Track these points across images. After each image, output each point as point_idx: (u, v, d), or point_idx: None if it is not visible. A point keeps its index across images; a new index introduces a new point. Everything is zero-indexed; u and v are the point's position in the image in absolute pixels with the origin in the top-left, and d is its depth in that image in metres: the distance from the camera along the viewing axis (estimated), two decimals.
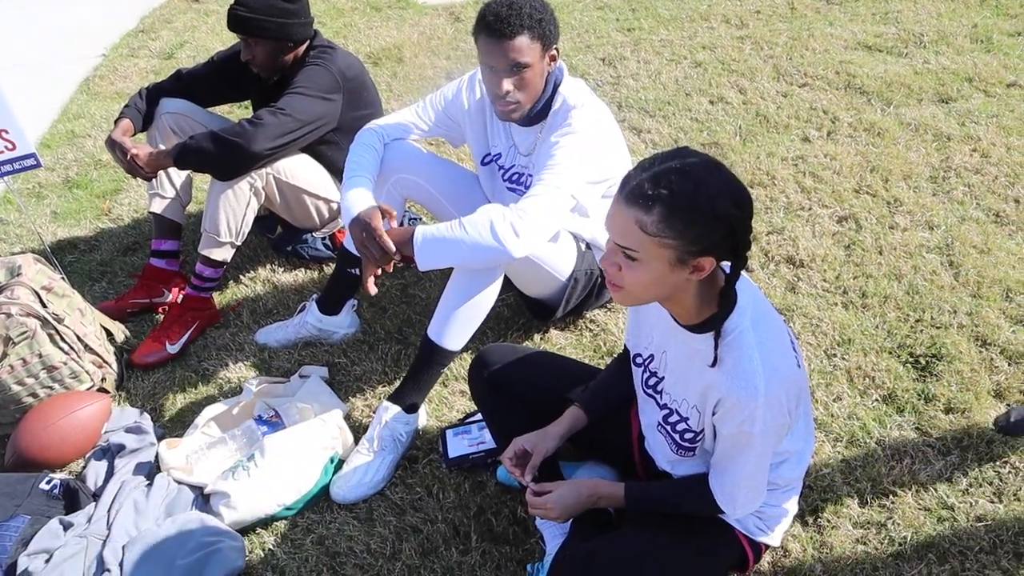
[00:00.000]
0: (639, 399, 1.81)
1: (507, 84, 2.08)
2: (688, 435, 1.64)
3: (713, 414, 1.54)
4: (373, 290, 2.15)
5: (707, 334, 1.50)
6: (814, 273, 2.72)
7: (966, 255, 2.73)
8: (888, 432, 2.17)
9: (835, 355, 2.41)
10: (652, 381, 1.72)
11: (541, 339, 2.62)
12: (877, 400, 2.26)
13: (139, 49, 5.49)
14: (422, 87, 4.37)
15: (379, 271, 2.12)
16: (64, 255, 3.32)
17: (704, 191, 1.35)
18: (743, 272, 1.56)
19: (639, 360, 1.77)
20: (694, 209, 1.36)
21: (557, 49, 2.10)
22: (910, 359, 2.38)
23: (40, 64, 5.50)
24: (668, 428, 1.68)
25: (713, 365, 1.50)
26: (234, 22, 2.62)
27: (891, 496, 2.01)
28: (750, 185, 3.21)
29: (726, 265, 1.50)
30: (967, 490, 2.02)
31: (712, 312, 1.50)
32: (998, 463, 2.06)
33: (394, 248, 2.04)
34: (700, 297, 1.50)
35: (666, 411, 1.68)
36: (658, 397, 1.71)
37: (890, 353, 2.40)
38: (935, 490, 2.02)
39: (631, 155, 3.45)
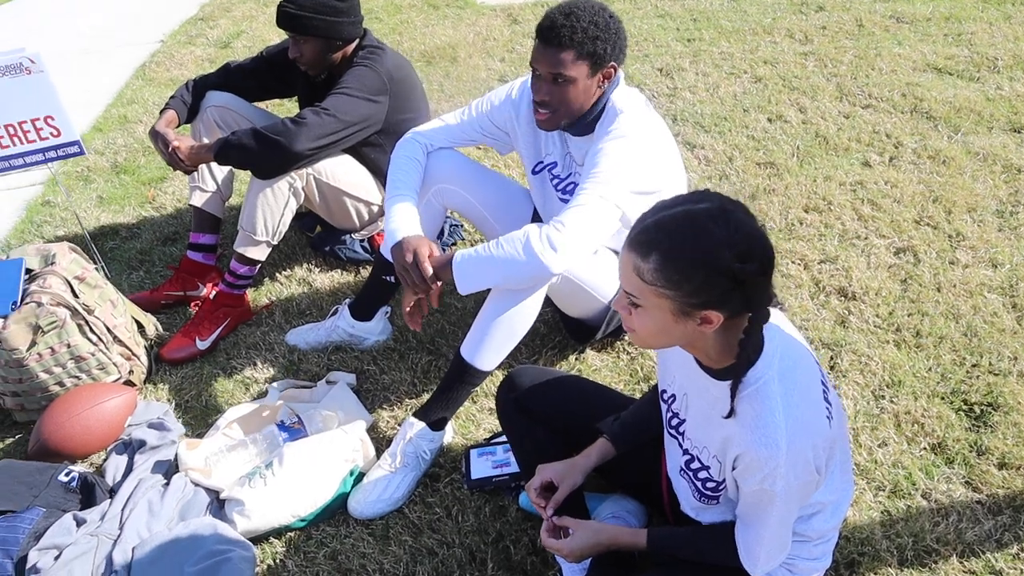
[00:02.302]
0: (665, 438, 1.71)
1: (544, 92, 2.01)
2: (710, 484, 1.54)
3: (733, 468, 1.44)
4: (416, 327, 2.15)
5: (728, 382, 1.40)
6: (866, 307, 2.59)
7: None
8: (935, 484, 2.03)
9: (883, 397, 2.28)
10: (675, 422, 1.63)
11: (576, 359, 2.54)
12: (925, 449, 2.13)
13: (197, 37, 5.54)
14: (474, 88, 4.31)
15: (423, 305, 2.11)
16: (105, 241, 3.34)
17: (704, 242, 1.26)
18: (779, 310, 1.47)
19: (665, 396, 1.67)
20: (691, 261, 1.27)
21: (615, 67, 2.01)
22: (964, 407, 2.24)
23: (104, 48, 5.58)
24: (690, 474, 1.59)
25: (728, 416, 1.40)
26: (283, 19, 2.58)
27: (934, 555, 1.88)
28: (804, 210, 3.08)
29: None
30: (1018, 555, 1.88)
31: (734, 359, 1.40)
32: None
33: (432, 273, 1.99)
34: (721, 344, 1.40)
35: (687, 456, 1.59)
36: (680, 439, 1.62)
37: (942, 399, 2.26)
38: (983, 552, 1.88)
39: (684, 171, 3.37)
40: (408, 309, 2.13)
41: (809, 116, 3.71)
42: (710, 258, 1.26)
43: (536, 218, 2.47)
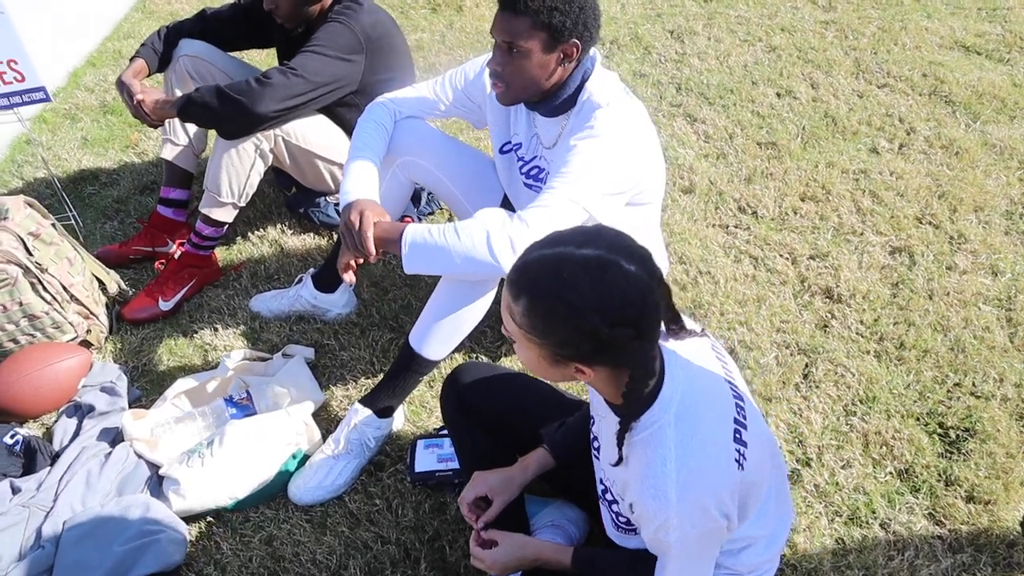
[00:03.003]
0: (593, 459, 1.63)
1: (498, 62, 1.88)
2: (622, 518, 1.46)
3: (631, 511, 1.35)
4: (349, 279, 2.01)
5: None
6: (851, 312, 2.46)
7: None
8: (896, 514, 1.94)
9: (855, 413, 2.17)
10: (596, 445, 1.54)
11: None
12: (891, 473, 2.03)
13: None
14: (477, 42, 4.14)
15: (358, 261, 1.98)
16: (84, 186, 3.26)
17: (569, 299, 1.15)
18: (701, 339, 1.36)
19: (592, 416, 1.58)
20: (556, 316, 1.17)
21: (577, 46, 1.85)
22: (939, 430, 2.12)
23: None
24: (606, 503, 1.51)
25: (616, 465, 1.33)
26: None
27: None
28: (801, 198, 2.92)
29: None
30: None
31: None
32: (1017, 573, 1.82)
33: (374, 251, 1.89)
34: (608, 389, 1.30)
35: (603, 486, 1.51)
36: (598, 465, 1.53)
37: (917, 420, 2.15)
38: None
39: (680, 146, 3.21)
40: (341, 269, 2.01)
41: (820, 93, 3.52)
42: (575, 318, 1.16)
43: (506, 199, 2.35)
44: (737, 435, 1.34)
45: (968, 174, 2.99)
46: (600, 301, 1.14)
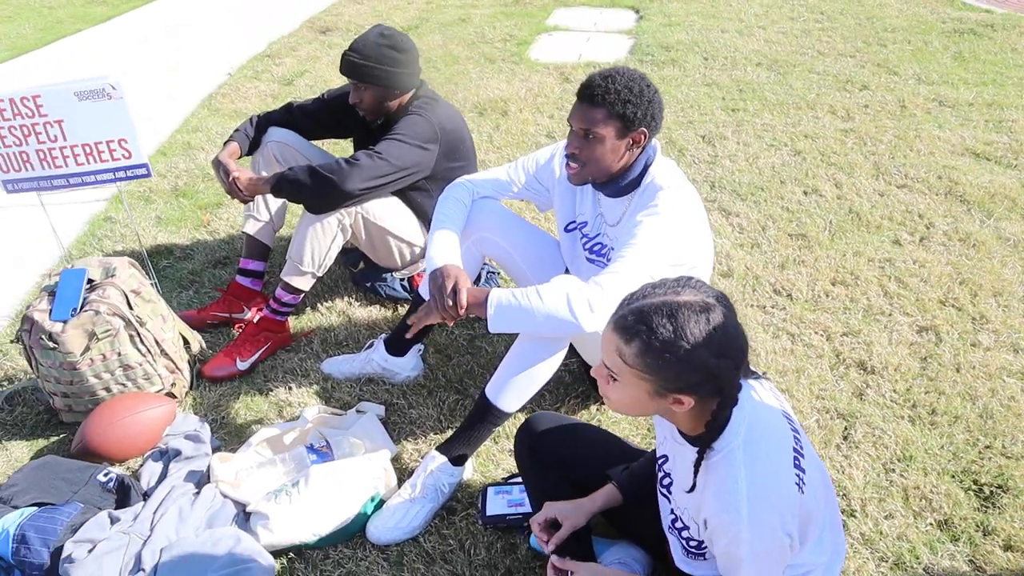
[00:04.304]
0: (658, 496, 1.79)
1: (575, 146, 2.14)
2: (692, 542, 1.62)
3: (705, 530, 1.52)
4: (412, 332, 2.27)
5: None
6: (884, 382, 2.64)
7: None
8: (938, 560, 2.08)
9: (894, 470, 2.33)
10: (666, 482, 1.71)
11: (598, 410, 2.62)
12: (931, 524, 2.17)
13: (262, 72, 5.80)
14: (522, 142, 4.47)
15: (436, 322, 2.20)
16: (160, 259, 3.51)
17: (683, 338, 1.37)
18: (760, 381, 1.56)
19: (659, 457, 1.76)
20: (670, 353, 1.38)
21: (645, 133, 2.12)
22: (973, 486, 2.28)
23: (174, 76, 5.87)
24: (676, 532, 1.67)
25: (690, 491, 1.52)
26: (346, 67, 2.75)
27: None
28: (832, 283, 3.15)
29: None
30: None
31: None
32: None
33: (466, 306, 2.10)
34: (692, 419, 1.50)
35: (673, 516, 1.68)
36: (669, 499, 1.70)
37: (952, 477, 2.31)
38: None
39: (717, 236, 3.47)
40: (414, 324, 2.23)
41: (844, 192, 3.80)
42: (688, 353, 1.37)
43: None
44: (796, 462, 1.52)
45: (986, 264, 3.22)
46: (711, 336, 1.37)
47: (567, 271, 2.59)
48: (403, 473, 2.42)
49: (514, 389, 2.22)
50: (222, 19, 7.19)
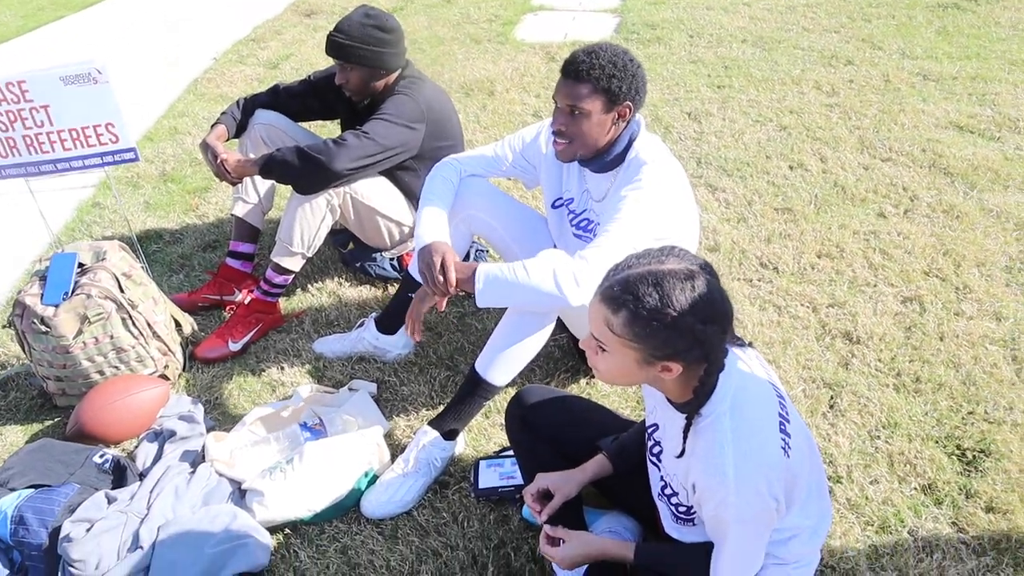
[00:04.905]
0: (648, 465, 1.83)
1: (561, 122, 2.16)
2: (682, 508, 1.66)
3: (694, 494, 1.56)
4: (416, 337, 2.30)
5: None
6: (869, 352, 2.69)
7: None
8: (922, 523, 2.12)
9: (879, 437, 2.37)
10: (656, 450, 1.75)
11: (588, 383, 2.65)
12: (916, 489, 2.22)
13: (247, 56, 5.78)
14: (509, 121, 4.48)
15: (431, 305, 2.23)
16: (150, 244, 3.52)
17: (670, 305, 1.39)
18: (744, 349, 1.59)
19: (648, 426, 1.80)
20: (658, 321, 1.40)
21: (630, 107, 2.14)
22: (956, 451, 2.32)
23: (159, 61, 5.84)
24: (666, 499, 1.71)
25: (680, 456, 1.54)
26: (332, 47, 2.75)
27: None
28: (817, 255, 3.19)
29: None
30: None
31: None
32: None
33: (455, 287, 2.13)
34: (679, 386, 1.53)
35: (663, 483, 1.71)
36: (659, 467, 1.74)
37: (936, 442, 2.35)
38: None
39: (703, 212, 3.50)
40: (412, 318, 2.27)
41: (829, 166, 3.83)
42: (675, 320, 1.40)
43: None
44: (782, 427, 1.55)
45: (969, 235, 3.26)
46: (697, 303, 1.40)
47: (555, 247, 2.61)
48: (396, 449, 2.45)
49: (503, 363, 2.25)
50: (206, 4, 7.14)
